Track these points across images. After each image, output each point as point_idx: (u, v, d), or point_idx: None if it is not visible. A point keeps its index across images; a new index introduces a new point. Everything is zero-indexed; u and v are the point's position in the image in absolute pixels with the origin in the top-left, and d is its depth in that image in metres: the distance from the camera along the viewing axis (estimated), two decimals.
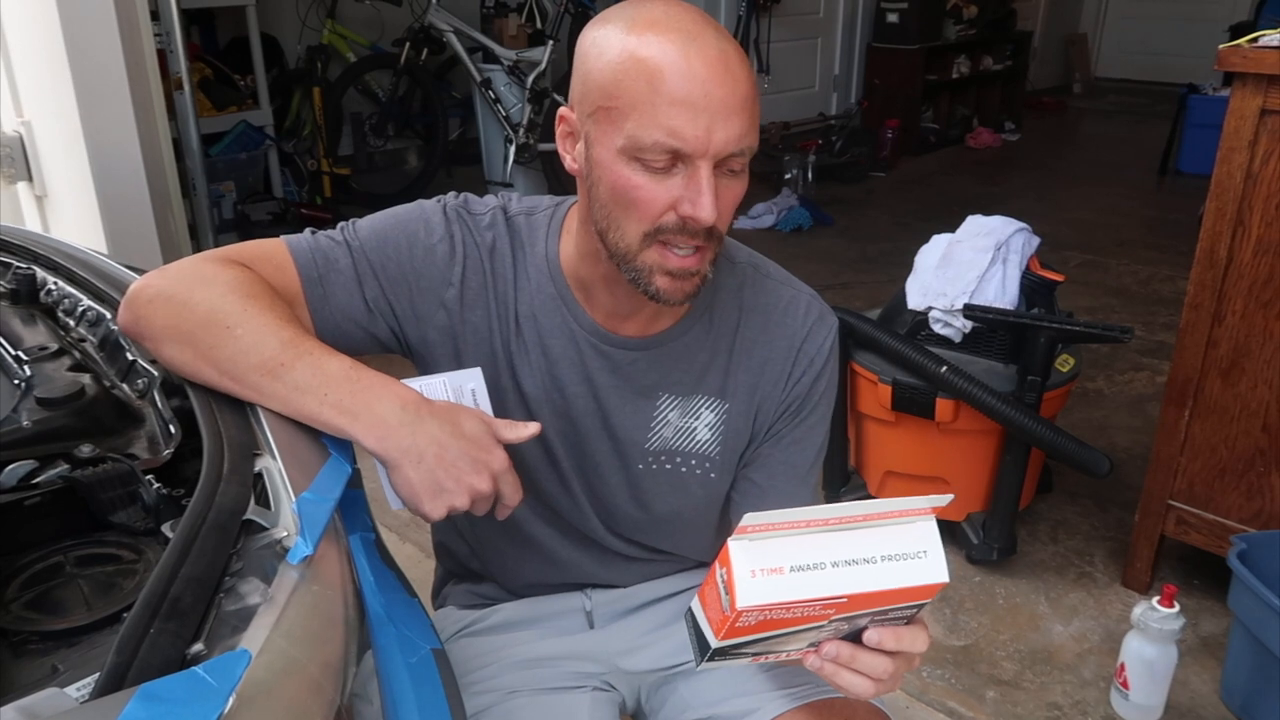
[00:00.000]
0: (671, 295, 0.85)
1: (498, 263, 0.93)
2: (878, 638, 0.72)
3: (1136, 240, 4.35)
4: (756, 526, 0.64)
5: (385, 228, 0.93)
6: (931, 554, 0.67)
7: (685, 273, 0.83)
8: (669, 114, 0.77)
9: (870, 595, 0.66)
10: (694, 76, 0.77)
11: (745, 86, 0.79)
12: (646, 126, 0.78)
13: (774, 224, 4.51)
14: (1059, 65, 8.15)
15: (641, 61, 0.78)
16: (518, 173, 4.34)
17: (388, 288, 0.91)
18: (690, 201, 0.79)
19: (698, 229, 0.81)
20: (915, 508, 0.67)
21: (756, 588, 0.64)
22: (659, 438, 0.97)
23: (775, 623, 0.67)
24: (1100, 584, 2.06)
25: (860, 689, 0.74)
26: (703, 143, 0.77)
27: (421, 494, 0.78)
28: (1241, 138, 1.67)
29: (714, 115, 0.77)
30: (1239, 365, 1.77)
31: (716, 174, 0.80)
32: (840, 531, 0.66)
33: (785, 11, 5.52)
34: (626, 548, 1.05)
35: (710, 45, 0.78)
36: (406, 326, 0.93)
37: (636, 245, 0.83)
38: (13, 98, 2.30)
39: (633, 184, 0.80)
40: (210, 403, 0.80)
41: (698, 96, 0.77)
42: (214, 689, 0.49)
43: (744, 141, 0.80)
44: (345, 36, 4.57)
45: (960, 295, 2.00)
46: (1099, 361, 3.07)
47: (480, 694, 1.01)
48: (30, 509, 0.70)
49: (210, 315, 0.80)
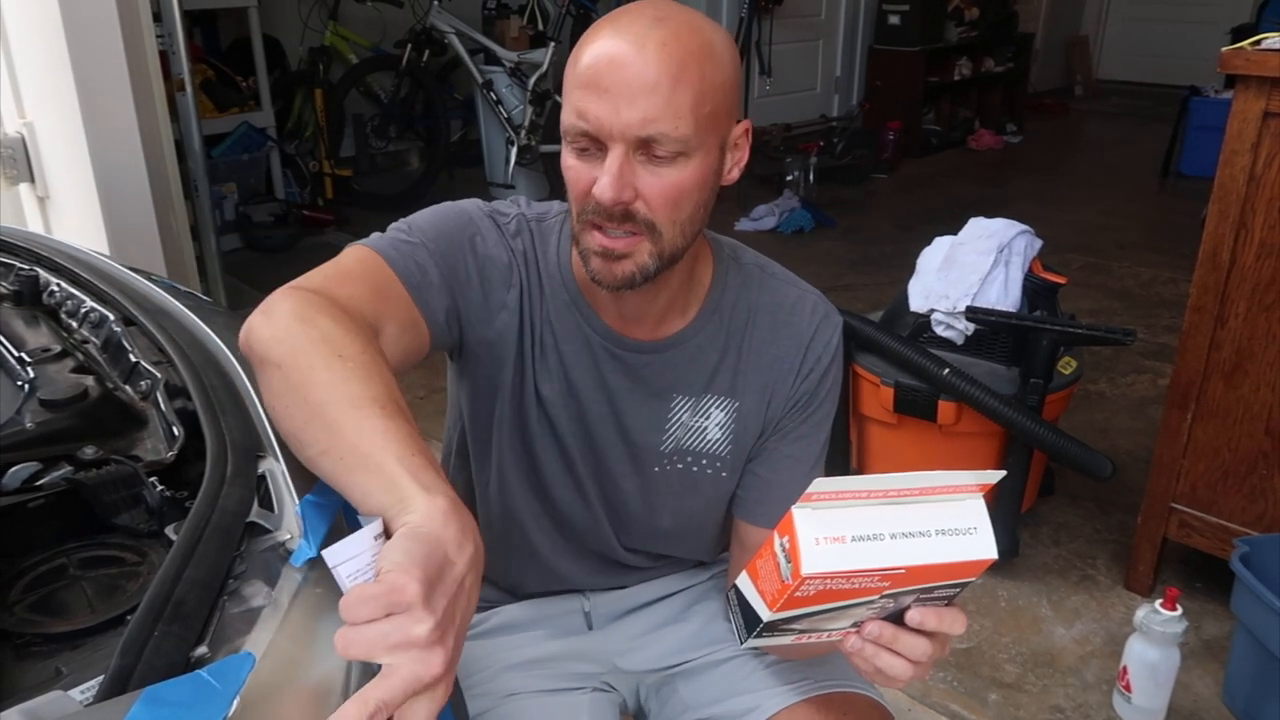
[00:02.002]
0: (604, 276, 0.84)
1: (528, 269, 0.94)
2: (919, 617, 0.72)
3: (1139, 243, 4.35)
4: (821, 494, 0.65)
5: (448, 228, 0.90)
6: (981, 531, 0.68)
7: (610, 253, 0.83)
8: (579, 96, 0.79)
9: (925, 569, 0.67)
10: (604, 57, 0.78)
11: (659, 70, 0.77)
12: (567, 109, 0.81)
13: (776, 226, 4.50)
14: (1060, 67, 8.15)
15: (580, 49, 0.81)
16: (519, 174, 4.34)
17: (457, 289, 0.90)
18: (598, 181, 0.80)
19: (609, 211, 0.80)
20: (965, 483, 0.68)
21: (821, 555, 0.64)
22: (672, 439, 0.98)
23: (832, 594, 0.67)
24: (1102, 587, 2.06)
25: (897, 670, 0.74)
26: (606, 124, 0.78)
27: (405, 588, 0.56)
28: (1244, 140, 1.67)
29: (618, 96, 0.77)
30: (1241, 368, 1.77)
31: (639, 159, 0.79)
32: (896, 505, 0.67)
33: (787, 14, 5.52)
34: (632, 558, 1.05)
35: (635, 30, 0.78)
36: (470, 329, 0.92)
37: (577, 228, 0.85)
38: (15, 99, 2.31)
39: (567, 165, 0.83)
40: (213, 405, 0.80)
41: (604, 77, 0.77)
42: (218, 692, 0.49)
43: (655, 125, 0.77)
44: (347, 38, 4.58)
45: (962, 298, 2.00)
46: (1101, 364, 3.07)
47: (480, 696, 1.01)
48: (34, 511, 0.70)
49: (321, 409, 0.67)
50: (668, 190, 0.81)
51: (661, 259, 0.84)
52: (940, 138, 6.12)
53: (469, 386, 0.98)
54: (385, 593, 0.52)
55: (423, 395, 2.69)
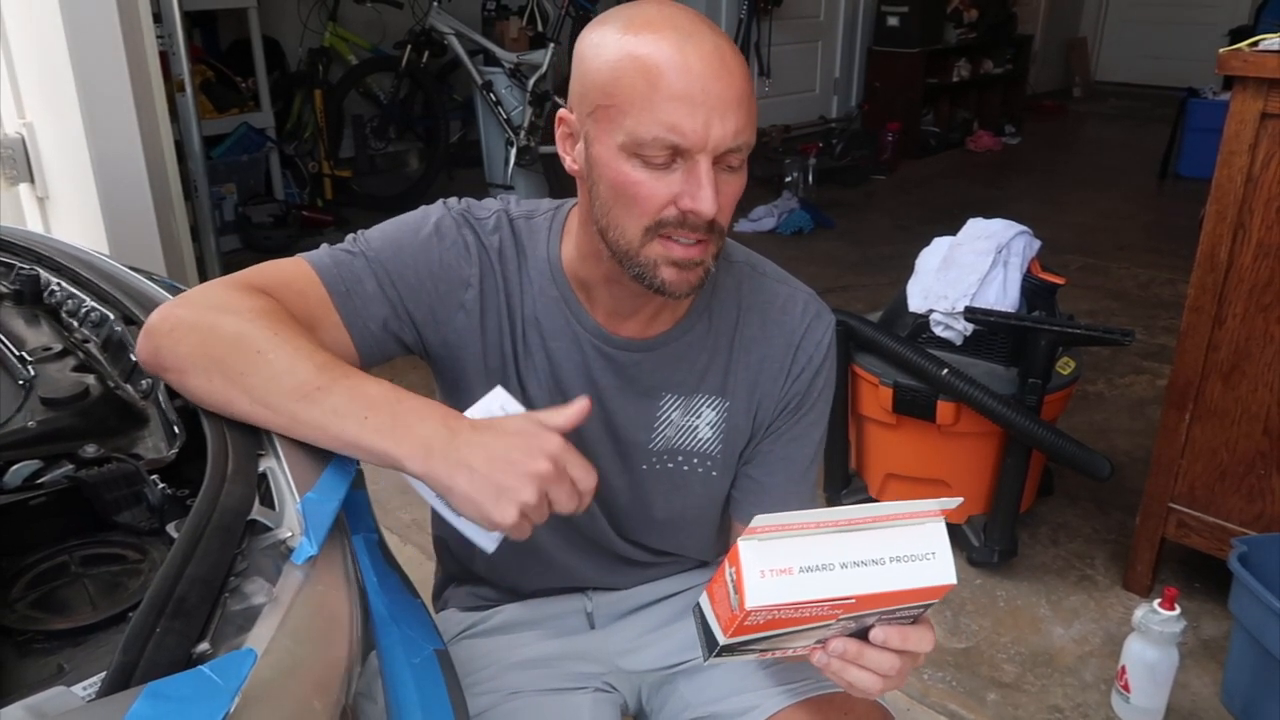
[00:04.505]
0: (677, 287, 0.85)
1: (505, 266, 0.94)
2: (884, 636, 0.72)
3: (1137, 244, 4.35)
4: (766, 527, 0.64)
5: (397, 236, 0.92)
6: (940, 556, 0.67)
7: (690, 263, 0.84)
8: (667, 110, 0.78)
9: (878, 596, 0.67)
10: (691, 72, 0.78)
11: (741, 82, 0.80)
12: (646, 123, 0.79)
13: (775, 227, 4.51)
14: (1059, 69, 8.16)
15: (639, 59, 0.79)
16: (519, 175, 4.34)
17: (406, 295, 0.91)
18: (690, 195, 0.80)
19: (699, 223, 0.81)
20: (924, 510, 0.67)
21: (766, 588, 0.64)
22: (662, 437, 0.98)
23: (783, 622, 0.67)
24: (1101, 587, 2.06)
25: (867, 685, 0.75)
26: (701, 137, 0.78)
27: (484, 503, 0.71)
28: (1242, 141, 1.67)
29: (711, 110, 0.78)
30: (1239, 368, 1.77)
31: (715, 169, 0.81)
32: (849, 533, 0.66)
33: (786, 15, 5.53)
34: (631, 550, 1.05)
35: (706, 42, 0.79)
36: (426, 331, 0.93)
37: (638, 241, 0.84)
38: (15, 99, 2.31)
39: (633, 180, 0.81)
40: None
41: (695, 92, 0.78)
42: (220, 688, 0.49)
43: (741, 136, 0.80)
44: (346, 39, 4.58)
45: (961, 298, 2.00)
46: (1100, 365, 3.07)
47: (481, 695, 1.01)
48: (35, 509, 0.71)
49: (238, 341, 0.77)
50: (735, 195, 0.84)
51: (717, 259, 0.87)
52: (939, 139, 6.13)
53: (440, 387, 0.99)
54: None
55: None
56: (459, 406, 0.96)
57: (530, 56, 4.24)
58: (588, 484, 0.75)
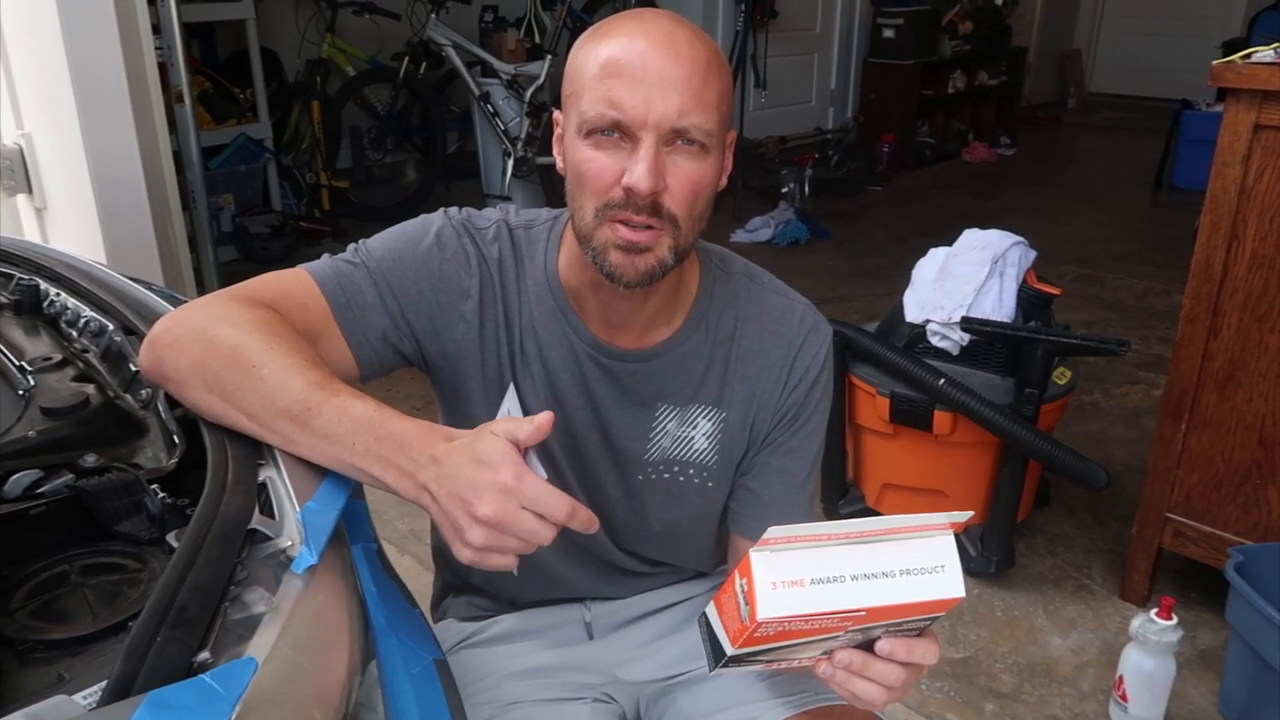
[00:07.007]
0: (624, 271, 0.84)
1: (504, 276, 0.94)
2: (890, 648, 0.72)
3: (1132, 254, 4.37)
4: (778, 539, 0.64)
5: (399, 246, 0.93)
6: (949, 569, 0.68)
7: (634, 246, 0.83)
8: (609, 85, 0.80)
9: (888, 609, 0.67)
10: (635, 50, 0.80)
11: (691, 64, 0.80)
12: (591, 100, 0.81)
13: (771, 238, 4.52)
14: (1054, 81, 8.20)
15: (594, 46, 0.83)
16: (516, 186, 4.35)
17: (406, 305, 0.91)
18: (630, 171, 0.80)
19: (643, 203, 0.81)
20: (934, 523, 0.68)
21: (777, 599, 0.64)
22: (658, 448, 0.98)
23: (793, 633, 0.67)
24: (1098, 596, 2.06)
25: (872, 696, 0.74)
26: (640, 113, 0.79)
27: (448, 537, 0.71)
28: (1235, 153, 1.68)
29: (653, 86, 0.79)
30: (1235, 378, 1.78)
31: (667, 152, 0.81)
32: (860, 545, 0.66)
33: (782, 27, 5.56)
34: (629, 561, 1.05)
35: (659, 27, 0.81)
36: (425, 341, 0.93)
37: (592, 223, 0.84)
38: (13, 109, 2.31)
39: (585, 158, 0.83)
40: None
41: (638, 68, 0.79)
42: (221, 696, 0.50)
43: (689, 118, 0.80)
44: (344, 50, 4.59)
45: (957, 308, 2.01)
46: (1096, 375, 3.08)
47: (480, 705, 1.01)
48: (35, 518, 0.71)
49: (236, 354, 0.77)
50: (691, 183, 0.83)
51: (677, 254, 0.85)
52: (934, 150, 6.16)
53: (439, 398, 0.99)
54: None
55: (420, 406, 2.69)
56: (458, 416, 0.97)
57: (527, 68, 4.26)
58: (556, 513, 0.69)
